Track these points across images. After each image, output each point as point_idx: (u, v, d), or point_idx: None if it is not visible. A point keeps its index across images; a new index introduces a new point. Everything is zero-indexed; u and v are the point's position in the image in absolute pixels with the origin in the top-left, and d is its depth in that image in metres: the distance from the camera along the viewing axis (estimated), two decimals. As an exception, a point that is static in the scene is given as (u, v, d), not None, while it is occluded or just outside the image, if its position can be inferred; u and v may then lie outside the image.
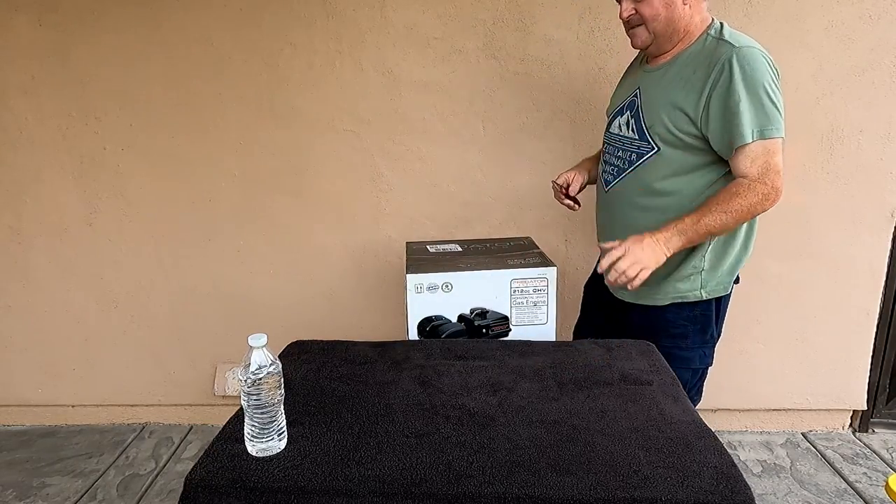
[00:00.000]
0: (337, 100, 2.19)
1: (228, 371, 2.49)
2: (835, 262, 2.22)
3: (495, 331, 1.64)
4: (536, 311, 1.63)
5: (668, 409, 1.12)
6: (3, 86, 2.21)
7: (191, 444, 2.45)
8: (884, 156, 2.11)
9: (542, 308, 1.62)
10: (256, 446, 0.98)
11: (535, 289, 1.62)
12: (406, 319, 1.59)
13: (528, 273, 1.60)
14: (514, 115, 2.19)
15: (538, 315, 1.63)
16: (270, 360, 0.97)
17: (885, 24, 1.99)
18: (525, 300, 1.62)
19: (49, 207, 2.33)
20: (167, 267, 2.39)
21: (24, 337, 2.48)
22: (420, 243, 1.87)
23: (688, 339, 1.53)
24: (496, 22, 2.10)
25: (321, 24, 2.12)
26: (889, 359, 2.37)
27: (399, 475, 0.93)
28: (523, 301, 1.62)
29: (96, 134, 2.25)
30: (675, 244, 1.37)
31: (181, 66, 2.17)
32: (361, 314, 2.41)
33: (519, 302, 1.62)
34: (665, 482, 0.90)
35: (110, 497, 2.12)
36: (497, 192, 2.27)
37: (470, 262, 1.67)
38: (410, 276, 1.56)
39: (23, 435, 2.54)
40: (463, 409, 1.13)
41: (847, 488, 2.10)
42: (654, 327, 1.53)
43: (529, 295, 1.62)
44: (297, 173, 2.27)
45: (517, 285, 1.62)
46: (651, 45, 1.47)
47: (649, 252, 1.35)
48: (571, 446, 1.00)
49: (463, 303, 1.61)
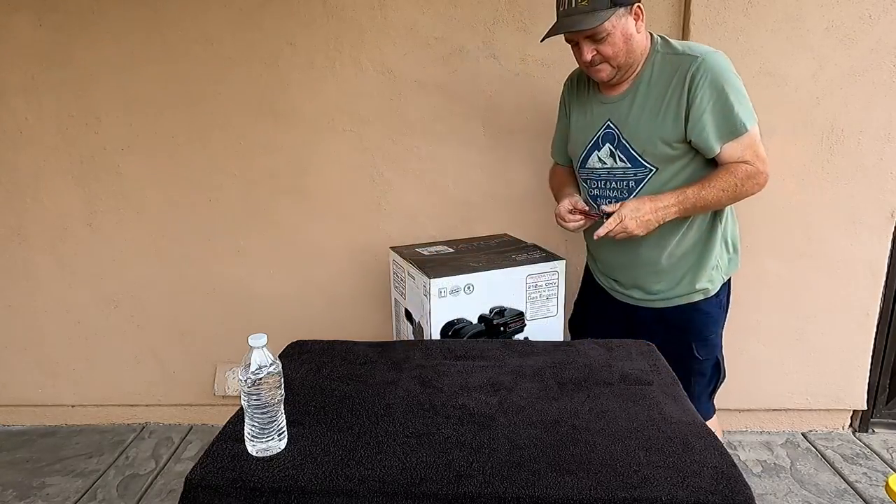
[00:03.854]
0: (337, 100, 2.19)
1: (228, 371, 2.49)
2: (835, 262, 2.22)
3: (512, 328, 1.68)
4: (548, 304, 1.69)
5: (668, 409, 1.12)
6: (3, 86, 2.21)
7: (191, 444, 2.45)
8: (884, 156, 2.11)
9: (553, 301, 1.70)
10: (256, 446, 0.98)
11: (548, 283, 1.69)
12: (418, 326, 1.59)
13: (541, 268, 1.67)
14: (514, 115, 2.19)
15: (549, 308, 1.70)
16: (270, 360, 0.97)
17: (885, 24, 1.99)
18: (539, 294, 1.69)
19: (49, 207, 2.33)
20: (167, 267, 2.39)
21: (24, 337, 2.48)
22: (408, 247, 1.87)
23: (718, 324, 1.62)
24: (496, 22, 2.10)
25: (321, 24, 2.12)
26: (889, 359, 2.37)
27: (399, 475, 0.93)
28: (537, 296, 1.69)
29: (96, 134, 2.25)
30: (671, 214, 1.43)
31: (181, 66, 2.17)
32: (361, 314, 2.41)
33: (533, 297, 1.68)
34: (665, 482, 0.90)
35: (110, 497, 2.12)
36: (497, 192, 2.27)
37: (481, 263, 1.68)
38: (435, 281, 1.56)
39: (23, 435, 2.54)
40: (463, 409, 1.13)
41: (847, 488, 2.10)
42: (691, 322, 1.58)
43: (542, 289, 1.69)
44: (297, 173, 2.27)
45: (532, 281, 1.67)
46: (615, 77, 1.49)
47: (642, 225, 1.41)
48: (571, 446, 1.00)
49: (483, 303, 1.63)
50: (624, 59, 1.44)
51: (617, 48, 1.41)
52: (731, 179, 1.42)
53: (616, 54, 1.42)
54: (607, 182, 1.57)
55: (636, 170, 1.50)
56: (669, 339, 1.51)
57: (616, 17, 1.38)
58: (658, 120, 1.45)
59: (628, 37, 1.41)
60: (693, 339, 1.58)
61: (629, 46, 1.42)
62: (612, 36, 1.39)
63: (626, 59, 1.44)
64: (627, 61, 1.45)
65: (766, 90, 2.04)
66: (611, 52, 1.41)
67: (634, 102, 1.48)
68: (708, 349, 1.60)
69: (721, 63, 1.41)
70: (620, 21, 1.39)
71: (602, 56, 1.43)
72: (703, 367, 1.61)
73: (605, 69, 1.46)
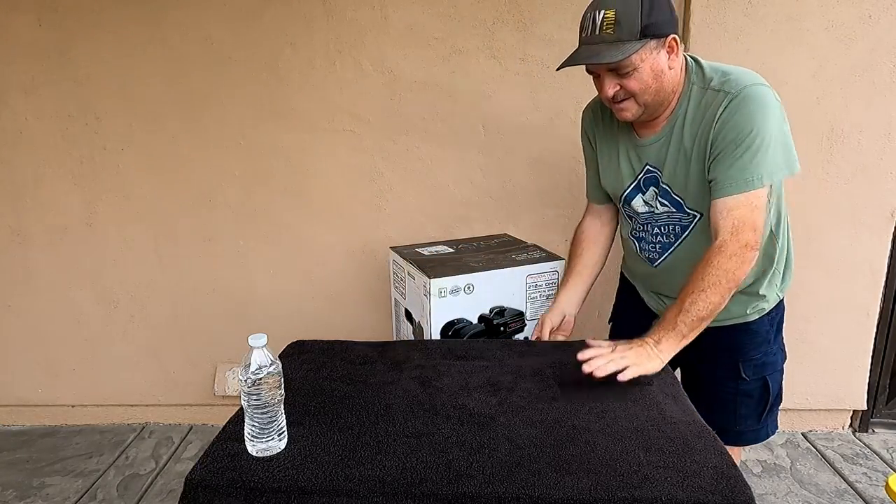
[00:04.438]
0: (337, 100, 2.19)
1: (228, 371, 2.49)
2: (835, 262, 2.22)
3: (513, 328, 1.68)
4: (548, 304, 1.67)
5: (668, 409, 1.12)
6: (3, 86, 2.21)
7: (191, 444, 2.45)
8: (884, 156, 2.11)
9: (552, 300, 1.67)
10: (256, 446, 0.98)
11: (548, 283, 1.69)
12: (418, 326, 1.59)
13: (541, 268, 1.67)
14: (514, 115, 2.19)
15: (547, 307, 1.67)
16: (270, 360, 0.97)
17: (885, 24, 1.99)
18: (538, 294, 1.69)
19: (49, 207, 2.33)
20: (167, 267, 2.39)
21: (24, 337, 2.48)
22: (408, 247, 1.87)
23: (772, 343, 1.48)
24: (496, 22, 2.10)
25: (321, 24, 2.12)
26: (889, 359, 2.37)
27: (399, 475, 0.93)
28: (537, 296, 1.69)
29: (96, 134, 2.25)
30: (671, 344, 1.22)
31: (181, 65, 2.17)
32: (361, 314, 2.41)
33: (533, 297, 1.69)
34: (665, 482, 0.90)
35: (110, 497, 2.12)
36: (497, 192, 2.27)
37: (481, 263, 1.68)
38: (435, 281, 1.56)
39: (23, 435, 2.54)
40: (463, 409, 1.13)
41: (847, 488, 2.10)
42: (740, 342, 1.45)
43: (542, 289, 1.69)
44: (297, 173, 2.27)
45: (532, 280, 1.67)
46: (642, 115, 1.29)
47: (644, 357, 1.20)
48: (571, 446, 1.00)
49: (483, 303, 1.63)
50: (652, 97, 1.24)
51: (644, 84, 1.22)
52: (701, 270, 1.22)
53: (643, 90, 1.23)
54: (652, 226, 1.42)
55: (681, 215, 1.35)
56: (717, 358, 1.42)
57: (646, 51, 1.19)
58: (695, 164, 1.28)
59: (659, 73, 1.22)
60: (741, 358, 1.44)
61: (659, 84, 1.23)
62: (640, 71, 1.20)
63: (654, 98, 1.25)
64: (657, 99, 1.26)
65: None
66: (637, 88, 1.23)
67: (671, 143, 1.31)
68: (756, 369, 1.45)
69: (756, 99, 1.20)
70: (651, 55, 1.20)
71: (626, 91, 1.24)
72: (750, 387, 1.46)
73: (629, 108, 1.27)
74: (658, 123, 1.33)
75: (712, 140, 1.23)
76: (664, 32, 1.20)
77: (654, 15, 1.18)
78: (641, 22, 1.16)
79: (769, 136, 1.20)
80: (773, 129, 1.21)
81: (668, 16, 1.21)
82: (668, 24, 1.21)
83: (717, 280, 1.21)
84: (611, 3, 1.18)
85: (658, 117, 1.32)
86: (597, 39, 1.20)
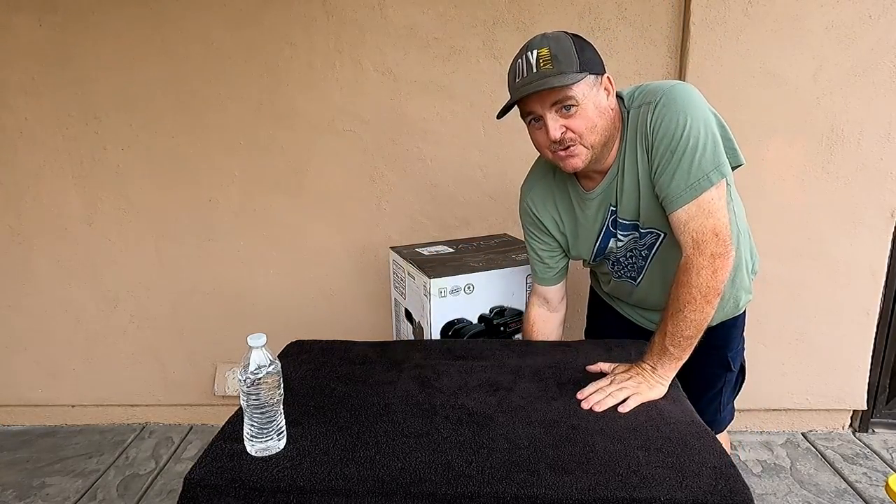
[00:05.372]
0: (337, 100, 2.19)
1: (228, 371, 2.49)
2: (835, 262, 2.22)
3: (512, 328, 1.68)
4: None
5: (667, 409, 1.12)
6: (3, 86, 2.21)
7: (191, 444, 2.45)
8: (884, 156, 2.11)
9: None
10: (256, 446, 0.98)
11: None
12: (418, 326, 1.59)
13: None
14: (514, 116, 2.18)
15: None
16: (270, 360, 0.97)
17: (885, 24, 1.99)
18: None
19: (49, 207, 2.33)
20: (167, 267, 2.39)
21: (24, 337, 2.48)
22: (408, 247, 1.87)
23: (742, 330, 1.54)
24: (496, 22, 2.10)
25: (321, 24, 2.12)
26: (889, 359, 2.37)
27: (398, 475, 0.93)
28: None
29: (96, 134, 2.25)
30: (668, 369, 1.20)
31: (181, 66, 2.17)
32: (361, 314, 2.41)
33: None
34: (664, 482, 0.90)
35: (110, 497, 2.12)
36: (497, 193, 2.27)
37: (481, 263, 1.68)
38: (435, 281, 1.56)
39: (23, 435, 2.54)
40: (462, 409, 1.13)
41: (847, 488, 2.10)
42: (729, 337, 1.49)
43: None
44: (297, 173, 2.27)
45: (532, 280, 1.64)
46: (591, 162, 1.24)
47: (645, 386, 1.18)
48: (570, 446, 1.00)
49: (483, 303, 1.63)
50: (599, 136, 1.20)
51: (590, 122, 1.17)
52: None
53: (590, 129, 1.18)
54: (623, 259, 1.42)
55: (644, 238, 1.34)
56: (711, 354, 1.41)
57: (587, 84, 1.16)
58: (639, 186, 1.26)
59: (603, 109, 1.19)
60: (729, 350, 1.49)
61: (604, 122, 1.19)
62: (584, 107, 1.16)
63: (600, 138, 1.20)
64: (601, 140, 1.21)
65: (766, 90, 2.04)
66: (583, 127, 1.17)
67: (625, 175, 1.27)
68: (739, 358, 1.53)
69: (676, 98, 1.17)
70: (591, 91, 1.17)
71: (572, 133, 1.18)
72: (734, 376, 1.54)
73: (578, 153, 1.20)
74: (603, 173, 1.30)
75: (651, 154, 1.21)
76: (599, 71, 1.19)
77: (587, 54, 1.17)
78: (577, 57, 1.15)
79: (701, 132, 1.16)
80: (703, 123, 1.17)
81: (599, 58, 1.21)
82: (600, 64, 1.21)
83: (691, 298, 1.17)
84: (543, 43, 1.17)
85: (605, 164, 1.28)
86: (537, 76, 1.15)
